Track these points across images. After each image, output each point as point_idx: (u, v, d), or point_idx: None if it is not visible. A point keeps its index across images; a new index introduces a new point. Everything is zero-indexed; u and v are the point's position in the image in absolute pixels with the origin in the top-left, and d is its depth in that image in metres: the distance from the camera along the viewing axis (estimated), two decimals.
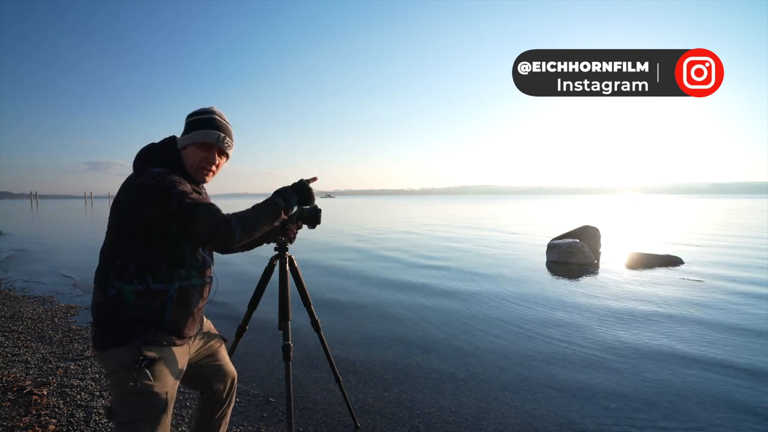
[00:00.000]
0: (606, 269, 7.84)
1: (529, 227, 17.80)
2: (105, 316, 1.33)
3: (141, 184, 1.31)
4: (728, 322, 4.59)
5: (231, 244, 1.33)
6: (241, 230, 1.31)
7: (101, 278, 1.34)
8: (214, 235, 1.28)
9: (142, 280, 1.32)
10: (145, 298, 1.33)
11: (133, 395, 1.29)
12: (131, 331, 1.31)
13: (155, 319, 1.34)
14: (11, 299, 5.66)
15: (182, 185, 1.34)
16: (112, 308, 1.32)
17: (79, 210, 43.50)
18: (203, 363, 1.60)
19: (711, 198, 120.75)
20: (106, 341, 1.31)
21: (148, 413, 1.31)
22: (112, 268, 1.33)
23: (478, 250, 10.59)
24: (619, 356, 3.64)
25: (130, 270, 1.32)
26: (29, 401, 2.74)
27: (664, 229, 16.79)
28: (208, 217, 1.29)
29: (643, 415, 2.67)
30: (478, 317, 4.83)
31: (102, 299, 1.33)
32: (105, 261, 1.36)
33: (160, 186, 1.30)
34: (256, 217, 1.37)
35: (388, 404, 2.82)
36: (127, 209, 1.32)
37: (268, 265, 2.02)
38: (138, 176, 1.35)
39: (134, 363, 1.29)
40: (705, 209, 35.89)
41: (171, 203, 1.28)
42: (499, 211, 34.95)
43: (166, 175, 1.34)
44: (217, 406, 1.68)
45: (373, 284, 6.71)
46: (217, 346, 1.67)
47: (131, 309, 1.32)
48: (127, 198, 1.33)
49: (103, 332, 1.32)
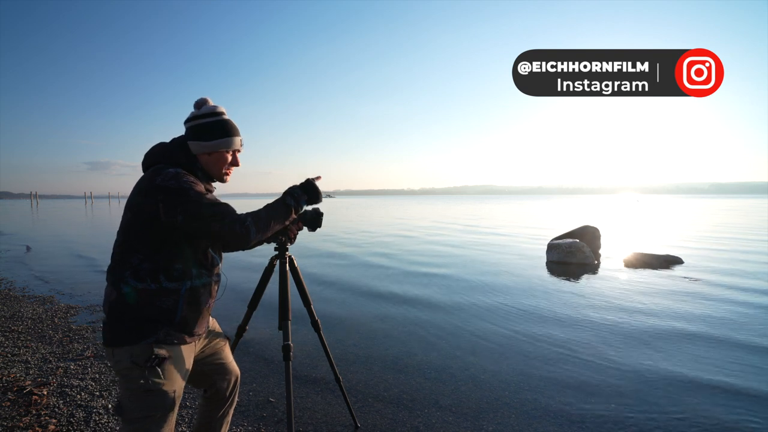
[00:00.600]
0: (606, 269, 7.84)
1: (529, 227, 17.80)
2: (119, 313, 1.34)
3: (159, 185, 1.33)
4: (728, 321, 4.59)
5: (246, 243, 1.38)
6: (256, 229, 1.39)
7: (116, 277, 1.36)
8: (232, 234, 1.34)
9: (156, 279, 1.34)
10: (159, 297, 1.35)
11: (143, 393, 1.32)
12: (144, 330, 1.33)
13: (167, 317, 1.36)
14: (11, 299, 5.66)
15: (198, 186, 1.38)
16: (125, 306, 1.33)
17: (79, 210, 43.50)
18: (208, 361, 1.61)
19: (711, 198, 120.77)
20: (120, 338, 1.32)
21: (156, 411, 1.33)
22: (128, 267, 1.34)
23: (479, 250, 10.59)
24: (619, 356, 3.64)
25: (145, 269, 1.34)
26: (29, 401, 2.74)
27: (664, 229, 16.80)
28: (227, 217, 1.34)
29: (643, 415, 2.67)
30: (478, 317, 4.83)
31: (116, 297, 1.34)
32: (119, 260, 1.37)
33: (178, 187, 1.33)
34: (269, 216, 1.44)
35: (388, 404, 2.82)
36: (144, 209, 1.33)
37: (268, 265, 2.03)
38: (154, 177, 1.35)
39: (146, 361, 1.31)
40: (705, 209, 35.89)
41: (190, 203, 1.31)
42: (500, 211, 34.93)
43: (183, 176, 1.37)
44: (220, 405, 1.69)
45: (372, 283, 6.71)
46: (222, 344, 1.68)
47: (145, 307, 1.34)
48: (144, 198, 1.34)
49: (117, 329, 1.33)
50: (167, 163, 1.43)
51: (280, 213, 1.50)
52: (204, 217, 1.32)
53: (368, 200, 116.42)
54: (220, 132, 1.49)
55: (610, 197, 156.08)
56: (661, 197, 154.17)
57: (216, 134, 1.48)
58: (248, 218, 1.37)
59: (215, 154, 1.50)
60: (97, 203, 76.81)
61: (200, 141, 1.48)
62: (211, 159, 1.50)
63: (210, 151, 1.49)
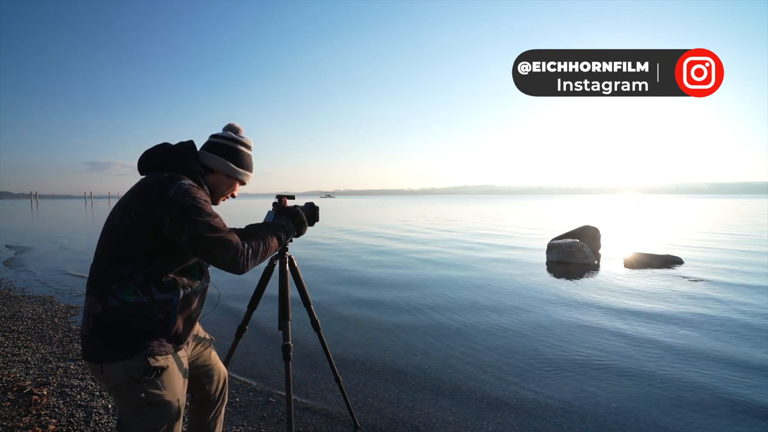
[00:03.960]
0: (606, 269, 7.84)
1: (529, 227, 17.79)
2: (105, 327, 1.24)
3: (172, 199, 1.26)
4: (728, 320, 4.59)
5: (239, 273, 1.38)
6: (253, 262, 1.39)
7: (101, 288, 1.25)
8: (232, 264, 1.32)
9: (147, 292, 1.26)
10: (150, 310, 1.27)
11: (145, 406, 1.26)
12: (136, 344, 1.25)
13: (160, 329, 1.30)
14: (11, 299, 5.66)
15: (209, 205, 1.35)
16: (114, 320, 1.24)
17: (79, 210, 43.49)
18: (195, 364, 1.58)
19: (711, 198, 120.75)
20: (110, 354, 1.24)
21: (162, 423, 1.29)
22: (116, 278, 1.25)
23: (479, 250, 10.59)
24: (619, 356, 3.63)
25: (137, 280, 1.26)
26: (29, 401, 2.74)
27: (664, 229, 16.79)
28: (231, 248, 1.31)
29: (643, 415, 2.67)
30: (477, 317, 4.82)
31: (102, 310, 1.24)
32: (106, 269, 1.27)
33: (193, 205, 1.28)
34: (264, 250, 1.45)
35: (388, 404, 2.82)
36: (147, 219, 1.26)
37: (268, 265, 2.03)
38: (166, 187, 1.28)
39: (143, 374, 1.25)
40: (705, 209, 35.87)
41: (200, 225, 1.27)
42: (500, 210, 34.92)
43: (196, 192, 1.32)
44: (210, 407, 1.67)
45: (372, 283, 6.71)
46: (207, 347, 1.66)
47: (135, 320, 1.26)
48: (151, 208, 1.26)
49: (105, 345, 1.24)
50: (177, 170, 1.37)
51: (274, 245, 1.52)
52: (208, 241, 1.28)
53: (368, 200, 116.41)
54: (248, 164, 1.57)
55: (610, 197, 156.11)
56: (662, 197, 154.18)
57: (244, 163, 1.55)
58: (249, 250, 1.36)
59: (232, 179, 1.53)
60: (97, 203, 76.77)
61: (228, 161, 1.49)
62: (225, 181, 1.52)
63: (229, 174, 1.51)
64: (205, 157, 1.48)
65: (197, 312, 1.45)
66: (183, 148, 1.44)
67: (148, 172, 1.42)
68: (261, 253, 1.43)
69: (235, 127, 1.56)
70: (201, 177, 1.43)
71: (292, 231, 1.66)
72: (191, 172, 1.40)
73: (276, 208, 1.76)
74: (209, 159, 1.48)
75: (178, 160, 1.39)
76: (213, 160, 1.48)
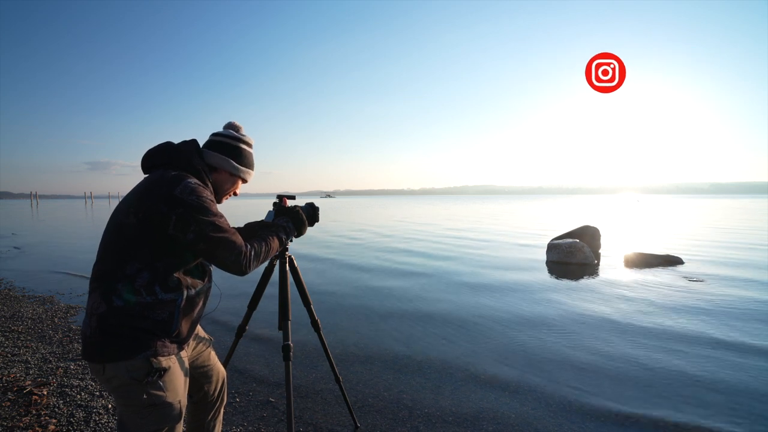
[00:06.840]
0: (606, 269, 7.84)
1: (529, 227, 17.79)
2: (109, 327, 1.23)
3: (179, 198, 1.26)
4: (728, 319, 4.59)
5: (244, 274, 1.40)
6: (256, 263, 1.42)
7: (106, 287, 1.25)
8: (235, 266, 1.34)
9: (151, 291, 1.26)
10: (154, 310, 1.26)
11: (147, 408, 1.26)
12: (139, 344, 1.24)
13: (163, 329, 1.29)
14: (11, 299, 5.66)
15: (215, 205, 1.36)
16: (117, 319, 1.23)
17: (79, 210, 43.49)
18: (194, 365, 1.58)
19: (711, 198, 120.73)
20: (113, 354, 1.23)
21: (164, 425, 1.29)
22: (121, 278, 1.25)
23: (479, 250, 10.59)
24: (619, 356, 3.64)
25: (142, 279, 1.25)
26: (29, 401, 2.74)
27: (664, 229, 16.79)
28: (235, 250, 1.33)
29: (644, 415, 2.67)
30: (477, 317, 4.82)
31: (105, 309, 1.23)
32: (111, 268, 1.26)
33: (199, 204, 1.28)
34: (266, 251, 1.47)
35: (388, 404, 2.82)
36: (154, 217, 1.25)
37: (268, 265, 2.03)
38: (172, 186, 1.28)
39: (146, 375, 1.24)
40: (705, 209, 35.87)
41: (205, 225, 1.28)
42: (500, 211, 34.92)
43: (203, 191, 1.32)
44: (209, 407, 1.67)
45: (372, 282, 6.71)
46: (207, 347, 1.65)
47: (138, 320, 1.25)
48: (157, 206, 1.25)
49: (107, 345, 1.23)
50: (182, 169, 1.37)
51: (275, 246, 1.55)
52: (213, 241, 1.29)
53: (368, 200, 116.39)
54: (250, 162, 1.58)
55: (611, 197, 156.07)
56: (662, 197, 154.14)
57: (247, 161, 1.56)
58: (251, 252, 1.38)
59: (235, 177, 1.54)
60: (97, 203, 76.79)
61: (231, 159, 1.50)
62: (228, 179, 1.53)
63: (233, 172, 1.52)
64: (209, 156, 1.48)
65: (200, 313, 1.45)
66: (187, 147, 1.44)
67: (152, 170, 1.41)
68: (263, 254, 1.45)
69: (235, 126, 1.57)
70: (206, 175, 1.43)
71: (292, 231, 1.67)
72: (196, 170, 1.40)
73: (276, 208, 1.76)
74: (213, 157, 1.48)
75: (183, 159, 1.39)
76: (216, 159, 1.48)
